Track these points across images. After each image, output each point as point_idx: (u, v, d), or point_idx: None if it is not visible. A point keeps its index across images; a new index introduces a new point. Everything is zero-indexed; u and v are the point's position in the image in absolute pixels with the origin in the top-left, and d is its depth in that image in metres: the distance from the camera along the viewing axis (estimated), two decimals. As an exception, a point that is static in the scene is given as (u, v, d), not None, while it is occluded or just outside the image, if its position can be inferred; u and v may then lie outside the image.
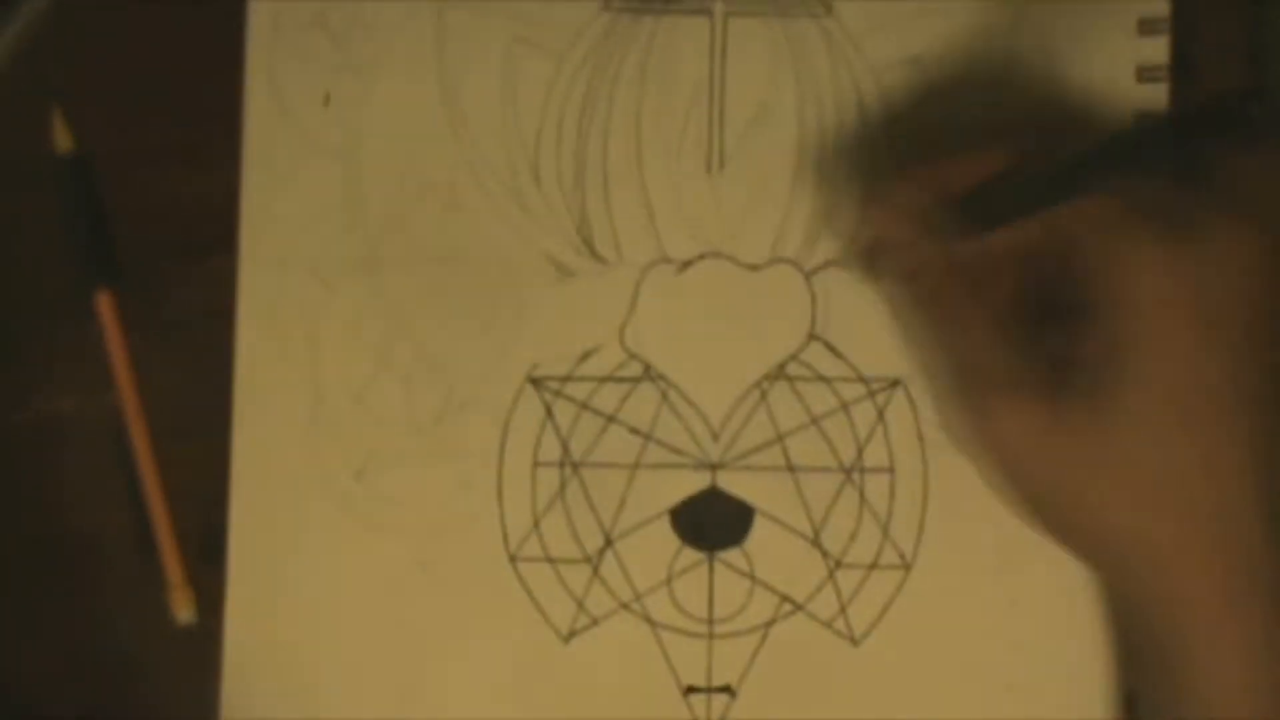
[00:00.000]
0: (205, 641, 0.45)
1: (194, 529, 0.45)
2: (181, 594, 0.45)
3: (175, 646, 0.45)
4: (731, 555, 0.45)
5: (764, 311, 0.45)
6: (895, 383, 0.45)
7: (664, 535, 0.45)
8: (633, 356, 0.45)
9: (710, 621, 0.45)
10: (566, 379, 0.45)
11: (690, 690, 0.45)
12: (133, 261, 0.46)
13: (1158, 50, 0.45)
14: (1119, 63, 0.45)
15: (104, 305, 0.46)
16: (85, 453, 0.46)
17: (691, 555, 0.45)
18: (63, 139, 0.46)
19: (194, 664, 0.45)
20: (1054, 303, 0.40)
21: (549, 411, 0.45)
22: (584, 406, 0.45)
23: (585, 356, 0.45)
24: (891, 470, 0.45)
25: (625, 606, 0.45)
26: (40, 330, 0.46)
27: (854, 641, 0.45)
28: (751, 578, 0.45)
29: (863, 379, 0.45)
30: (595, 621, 0.45)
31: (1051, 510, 0.39)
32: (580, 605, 0.45)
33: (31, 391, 0.46)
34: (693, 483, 0.45)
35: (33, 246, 0.46)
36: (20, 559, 0.46)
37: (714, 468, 0.45)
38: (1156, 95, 0.45)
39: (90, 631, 0.46)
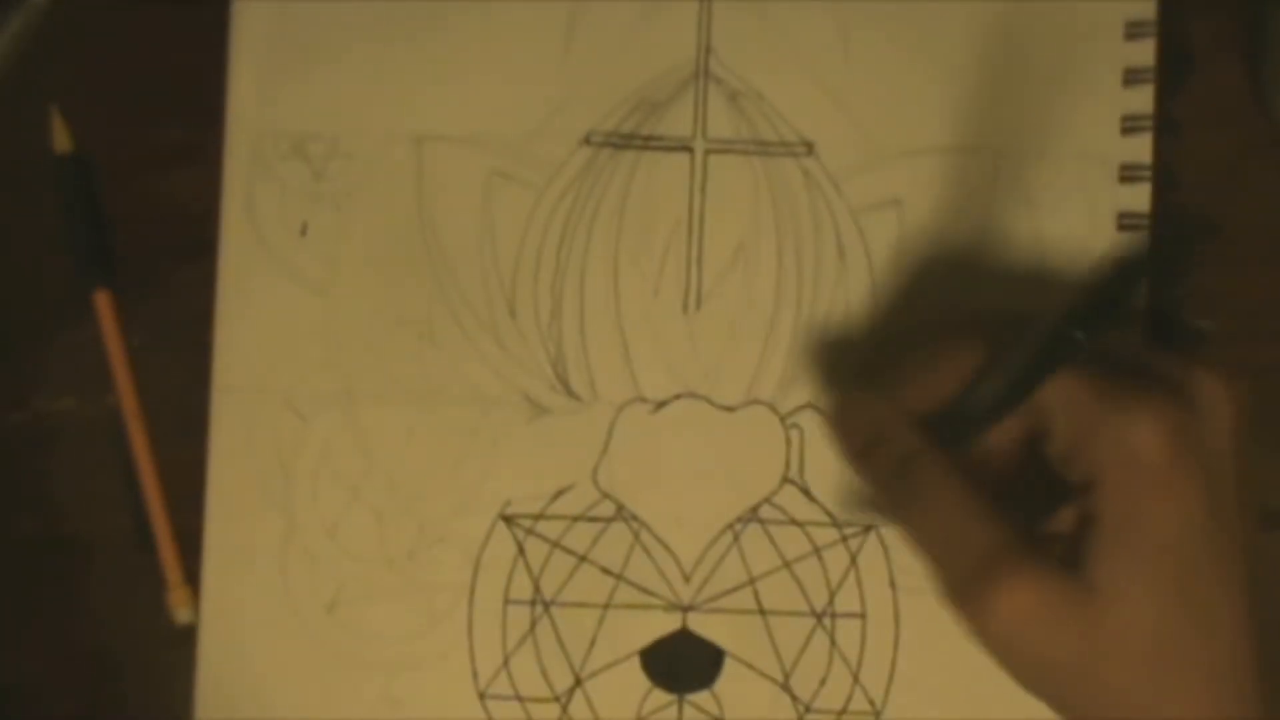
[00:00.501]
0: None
1: (192, 528, 0.45)
2: (180, 594, 0.46)
3: (174, 646, 0.45)
4: (701, 698, 0.45)
5: (738, 453, 0.45)
6: (868, 528, 0.45)
7: (634, 676, 0.45)
8: (605, 496, 0.45)
9: (678, 763, 0.45)
10: (539, 517, 0.45)
11: (657, 832, 0.45)
12: (131, 261, 0.46)
13: (1139, 198, 0.45)
14: (1099, 209, 0.45)
15: (102, 305, 0.46)
16: (83, 452, 0.46)
17: (661, 697, 0.45)
18: (61, 139, 0.46)
19: (192, 664, 0.45)
20: (1049, 477, 0.38)
21: (521, 549, 0.45)
22: (556, 545, 0.45)
23: (558, 495, 0.45)
24: (863, 616, 0.45)
25: (594, 747, 0.45)
26: (38, 330, 0.46)
27: (822, 787, 0.45)
28: (721, 720, 0.45)
29: (836, 523, 0.45)
30: (563, 761, 0.45)
31: (1060, 684, 0.38)
32: (549, 745, 0.45)
33: (30, 391, 0.46)
34: (663, 624, 0.45)
35: (31, 247, 0.46)
36: (18, 559, 0.46)
37: (685, 609, 0.45)
38: (1137, 237, 0.45)
39: (89, 631, 0.46)
